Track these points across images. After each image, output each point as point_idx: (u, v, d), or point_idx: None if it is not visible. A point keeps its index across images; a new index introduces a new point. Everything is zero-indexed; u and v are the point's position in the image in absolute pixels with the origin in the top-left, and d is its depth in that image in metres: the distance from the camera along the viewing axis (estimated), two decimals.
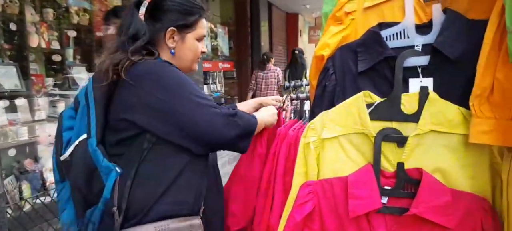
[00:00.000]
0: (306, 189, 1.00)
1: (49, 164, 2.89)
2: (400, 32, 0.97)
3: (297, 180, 1.05)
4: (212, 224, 1.21)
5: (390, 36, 0.99)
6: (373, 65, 0.99)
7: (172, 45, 1.16)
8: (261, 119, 1.26)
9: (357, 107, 0.98)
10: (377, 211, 0.97)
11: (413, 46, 0.96)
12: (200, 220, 1.11)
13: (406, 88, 0.97)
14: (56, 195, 1.21)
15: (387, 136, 0.96)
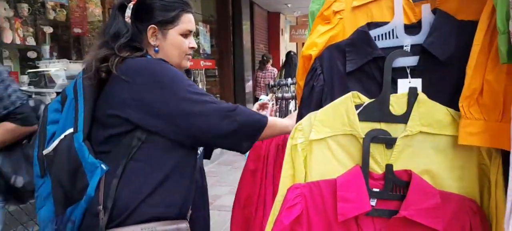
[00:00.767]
0: (294, 192, 0.98)
1: None
2: (389, 32, 0.96)
3: (284, 183, 1.03)
4: (196, 228, 1.18)
5: (379, 36, 0.97)
6: (361, 66, 0.98)
7: (154, 43, 1.14)
8: (280, 122, 1.22)
9: (345, 108, 0.96)
10: (366, 214, 0.95)
11: (402, 46, 0.95)
12: (187, 224, 1.09)
13: (394, 89, 0.96)
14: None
15: (375, 137, 0.95)
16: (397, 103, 0.94)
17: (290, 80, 2.28)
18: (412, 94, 0.92)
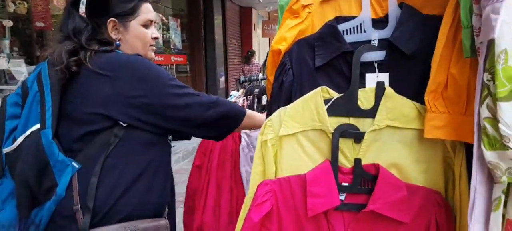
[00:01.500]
0: (264, 188, 0.97)
1: None
2: (357, 26, 0.96)
3: (254, 179, 1.01)
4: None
5: (347, 30, 0.97)
6: (330, 60, 0.98)
7: (115, 36, 1.10)
8: (258, 114, 1.27)
9: (314, 103, 0.96)
10: (335, 209, 0.95)
11: (370, 41, 0.95)
12: (166, 221, 1.09)
13: (363, 84, 0.96)
14: None
15: (344, 132, 0.95)
16: (365, 98, 0.95)
17: (261, 75, 2.27)
18: (380, 89, 0.93)
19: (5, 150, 1.03)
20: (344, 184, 0.96)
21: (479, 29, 0.72)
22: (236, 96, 2.42)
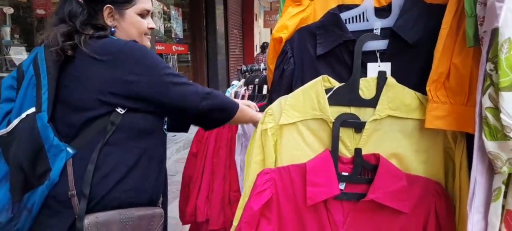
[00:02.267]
0: (264, 177, 0.97)
1: None
2: (360, 15, 0.95)
3: (254, 168, 1.01)
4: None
5: (349, 19, 0.96)
6: (332, 49, 0.97)
7: (111, 23, 1.09)
8: (251, 110, 1.26)
9: (315, 93, 0.95)
10: (335, 198, 0.95)
11: (372, 29, 0.94)
12: (162, 210, 1.09)
13: (364, 73, 0.95)
14: None
15: (345, 121, 0.95)
16: (366, 87, 0.94)
17: (262, 65, 2.25)
18: (381, 78, 0.92)
19: None
20: (344, 173, 0.96)
21: (483, 18, 0.71)
22: (237, 85, 2.41)
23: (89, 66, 1.01)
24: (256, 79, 1.72)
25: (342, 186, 0.96)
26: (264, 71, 2.21)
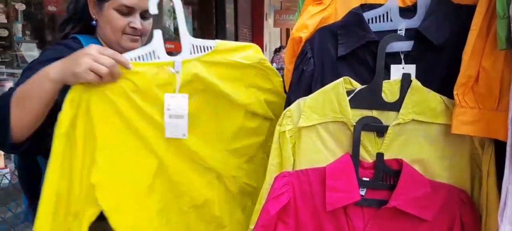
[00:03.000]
0: (282, 180, 0.94)
1: None
2: (383, 14, 0.92)
3: (271, 171, 0.99)
4: None
5: (372, 19, 0.93)
6: (353, 50, 0.94)
7: (94, 16, 1.09)
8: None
9: (336, 94, 0.92)
10: (355, 204, 0.92)
11: (396, 30, 0.91)
12: None
13: (387, 75, 0.92)
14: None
15: (367, 125, 0.92)
16: (389, 90, 0.91)
17: (274, 65, 2.23)
18: (406, 81, 0.89)
19: None
20: (364, 178, 0.93)
21: None
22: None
23: None
24: None
25: (362, 192, 0.93)
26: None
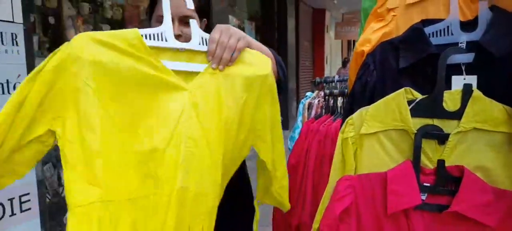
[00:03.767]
0: (344, 183, 1.01)
1: None
2: (444, 29, 0.97)
3: (334, 175, 1.06)
4: None
5: (433, 33, 0.98)
6: (414, 63, 0.99)
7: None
8: None
9: (397, 104, 0.98)
10: (416, 208, 0.97)
11: (457, 43, 0.95)
12: None
13: (448, 86, 0.96)
14: None
15: (427, 133, 0.96)
16: (450, 100, 0.95)
17: (337, 77, 2.29)
18: (467, 91, 0.92)
19: None
20: (425, 184, 0.97)
21: None
22: (311, 97, 2.47)
23: None
24: (335, 90, 1.76)
25: (423, 197, 0.97)
26: (338, 83, 2.25)
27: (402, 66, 1.00)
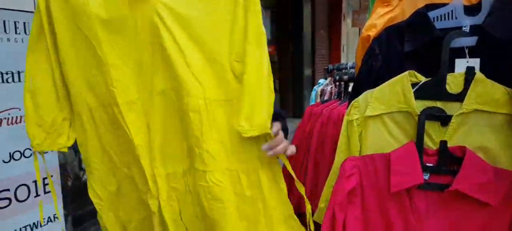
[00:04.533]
0: (350, 163, 1.05)
1: None
2: (448, 13, 0.99)
3: (339, 157, 1.10)
4: None
5: (437, 17, 1.00)
6: (419, 47, 1.01)
7: None
8: None
9: (401, 86, 1.01)
10: (418, 187, 1.00)
11: (461, 27, 0.97)
12: None
13: (452, 69, 0.98)
14: None
15: (431, 114, 0.99)
16: (454, 83, 0.97)
17: (350, 63, 2.31)
18: (469, 73, 0.94)
19: None
20: (428, 164, 1.00)
21: None
22: (324, 84, 2.50)
23: None
24: (345, 76, 1.79)
25: (426, 176, 1.00)
26: (351, 69, 2.27)
27: (406, 50, 1.03)
